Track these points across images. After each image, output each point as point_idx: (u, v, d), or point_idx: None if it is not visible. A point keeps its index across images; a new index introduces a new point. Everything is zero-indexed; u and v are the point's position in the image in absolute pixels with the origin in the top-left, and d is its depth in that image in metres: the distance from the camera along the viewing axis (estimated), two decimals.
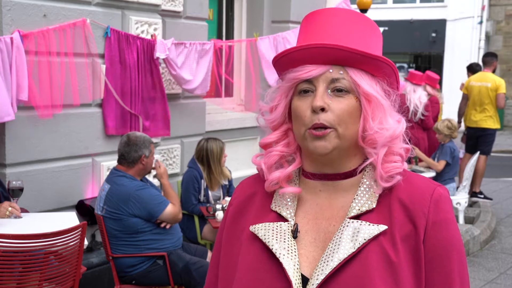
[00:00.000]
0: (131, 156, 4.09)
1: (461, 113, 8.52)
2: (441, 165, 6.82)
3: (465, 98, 8.45)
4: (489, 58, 8.56)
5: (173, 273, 4.10)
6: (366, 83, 1.25)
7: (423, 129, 7.66)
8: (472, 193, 8.22)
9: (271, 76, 6.06)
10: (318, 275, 1.19)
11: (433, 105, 8.09)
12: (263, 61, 6.04)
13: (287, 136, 1.33)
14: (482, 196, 8.30)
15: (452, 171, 6.99)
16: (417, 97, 7.60)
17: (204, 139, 5.25)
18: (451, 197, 6.88)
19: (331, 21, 1.27)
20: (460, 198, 7.01)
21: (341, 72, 1.24)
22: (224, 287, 1.32)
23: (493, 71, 8.49)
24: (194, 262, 4.08)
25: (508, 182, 10.30)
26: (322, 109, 1.22)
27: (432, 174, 6.75)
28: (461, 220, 7.01)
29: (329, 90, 1.24)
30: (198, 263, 4.10)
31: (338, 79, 1.24)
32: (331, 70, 1.24)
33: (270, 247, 1.24)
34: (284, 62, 1.28)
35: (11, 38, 3.99)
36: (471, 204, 7.93)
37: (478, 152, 7.89)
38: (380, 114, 1.25)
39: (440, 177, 6.78)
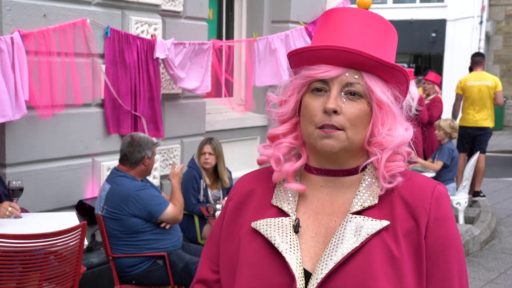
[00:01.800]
0: (134, 157, 4.09)
1: (456, 115, 8.47)
2: (438, 165, 6.83)
3: (459, 99, 8.39)
4: (480, 57, 8.52)
5: (173, 273, 4.10)
6: (380, 90, 1.26)
7: (418, 124, 7.65)
8: (474, 192, 8.22)
9: (262, 78, 6.05)
10: (322, 269, 1.20)
11: (436, 104, 8.09)
12: (255, 62, 6.03)
13: (296, 129, 1.34)
14: (483, 194, 8.30)
15: (452, 171, 7.00)
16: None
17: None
18: (451, 197, 6.94)
19: (351, 23, 1.28)
20: (460, 198, 7.01)
21: (356, 76, 1.25)
22: (226, 283, 1.33)
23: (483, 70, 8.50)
24: (194, 262, 4.08)
25: (508, 182, 10.30)
26: (335, 112, 1.23)
27: (432, 174, 6.75)
28: (461, 220, 7.01)
29: (342, 93, 1.25)
30: (198, 263, 4.09)
31: (353, 84, 1.25)
32: (347, 74, 1.25)
33: (273, 242, 1.25)
34: (300, 58, 1.29)
35: (12, 38, 3.99)
36: (471, 204, 7.93)
37: (478, 152, 7.88)
38: (389, 121, 1.27)
39: (439, 177, 6.78)
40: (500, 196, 9.05)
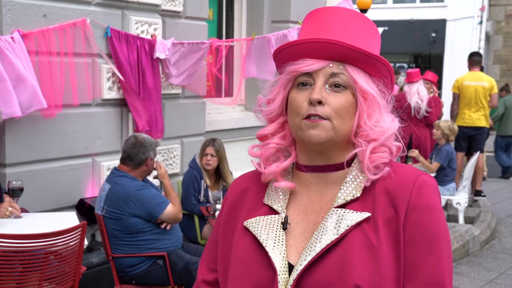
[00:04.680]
0: (139, 158, 4.09)
1: (454, 114, 8.46)
2: (435, 167, 6.82)
3: (456, 98, 8.37)
4: (479, 57, 8.50)
5: (173, 273, 4.10)
6: (364, 81, 1.28)
7: (426, 125, 7.65)
8: (476, 192, 8.22)
9: (251, 71, 6.02)
10: (302, 261, 1.23)
11: (437, 104, 8.10)
12: (249, 59, 6.01)
13: (284, 128, 1.37)
14: (484, 194, 8.30)
15: (451, 172, 7.00)
16: (415, 91, 7.62)
17: None
18: (451, 197, 6.94)
19: (333, 19, 1.31)
20: (460, 198, 7.01)
21: (341, 67, 1.27)
22: (222, 279, 1.37)
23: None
24: (194, 262, 4.08)
25: (508, 182, 10.31)
26: (319, 102, 1.25)
27: (432, 174, 6.75)
28: (461, 220, 7.01)
29: (327, 85, 1.27)
30: (198, 263, 4.09)
31: (337, 74, 1.27)
32: (331, 65, 1.27)
33: (258, 237, 1.29)
34: (285, 54, 1.31)
35: (12, 38, 3.99)
36: (471, 204, 7.94)
37: (479, 152, 7.89)
38: (375, 112, 1.29)
39: (438, 178, 6.78)
40: (500, 196, 9.05)
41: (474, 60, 8.41)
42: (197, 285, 1.45)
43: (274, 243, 1.27)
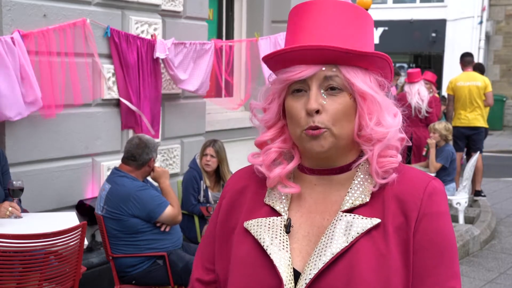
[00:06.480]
0: (143, 158, 4.10)
1: (450, 115, 8.45)
2: (438, 166, 6.83)
3: (452, 100, 8.37)
4: (471, 57, 8.49)
5: (173, 273, 4.10)
6: (360, 81, 1.22)
7: (427, 126, 7.67)
8: (476, 192, 8.22)
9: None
10: (311, 269, 1.18)
11: (437, 103, 8.11)
12: (260, 61, 6.03)
13: (283, 132, 1.31)
14: (484, 194, 8.30)
15: (452, 173, 7.01)
16: (415, 91, 7.63)
17: None
18: (451, 197, 6.94)
19: (321, 16, 1.24)
20: (460, 198, 7.01)
21: (334, 69, 1.22)
22: (222, 279, 1.33)
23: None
24: None
25: (508, 182, 10.30)
26: (317, 111, 1.21)
27: (432, 175, 6.74)
28: (461, 220, 7.01)
29: (322, 90, 1.22)
30: None
31: (331, 77, 1.22)
32: (323, 68, 1.21)
33: (262, 243, 1.23)
34: (275, 61, 1.26)
35: (12, 38, 3.99)
36: (471, 204, 7.94)
37: (478, 152, 7.89)
38: (376, 111, 1.23)
39: (440, 178, 6.78)
40: (500, 196, 9.05)
41: (466, 60, 8.42)
42: (191, 285, 1.41)
43: (279, 249, 1.22)
